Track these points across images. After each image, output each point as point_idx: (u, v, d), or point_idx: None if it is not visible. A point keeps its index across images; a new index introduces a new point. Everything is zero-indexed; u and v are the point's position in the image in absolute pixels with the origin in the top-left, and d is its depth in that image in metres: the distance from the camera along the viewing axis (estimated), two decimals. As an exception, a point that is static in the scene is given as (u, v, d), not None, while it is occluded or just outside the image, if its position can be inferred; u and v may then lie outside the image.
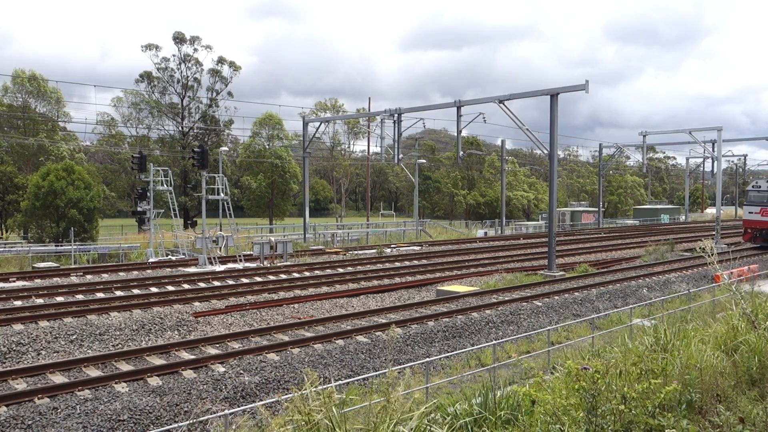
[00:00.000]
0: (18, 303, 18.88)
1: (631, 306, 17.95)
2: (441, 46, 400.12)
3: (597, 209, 66.45)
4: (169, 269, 26.89)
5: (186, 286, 22.39)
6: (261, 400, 11.30)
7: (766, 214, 37.49)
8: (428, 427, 5.64)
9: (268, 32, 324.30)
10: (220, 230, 35.96)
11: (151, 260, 29.37)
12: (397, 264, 29.51)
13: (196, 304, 19.42)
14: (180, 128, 65.41)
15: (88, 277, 24.06)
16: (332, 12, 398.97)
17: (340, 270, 27.29)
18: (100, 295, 20.43)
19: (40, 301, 19.24)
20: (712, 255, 8.84)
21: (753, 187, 39.28)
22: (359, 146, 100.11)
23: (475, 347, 14.26)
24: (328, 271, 26.76)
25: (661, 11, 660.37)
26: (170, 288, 22.01)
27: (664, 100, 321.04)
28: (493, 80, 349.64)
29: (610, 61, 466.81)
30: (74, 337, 15.64)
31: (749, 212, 38.46)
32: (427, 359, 11.41)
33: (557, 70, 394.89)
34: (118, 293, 20.72)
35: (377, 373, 11.70)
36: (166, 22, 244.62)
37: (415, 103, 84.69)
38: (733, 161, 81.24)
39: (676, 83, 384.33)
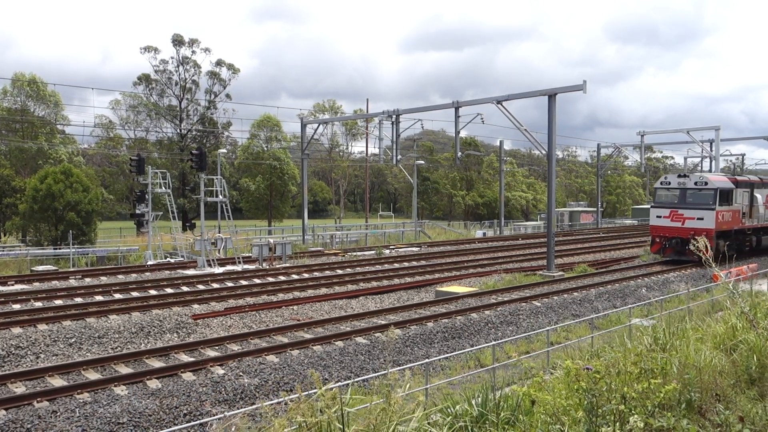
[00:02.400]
0: (17, 306, 18.85)
1: (630, 306, 17.96)
2: (441, 47, 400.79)
3: (595, 209, 66.56)
4: (167, 272, 26.88)
5: (185, 289, 22.38)
6: (260, 402, 11.29)
7: (676, 219, 29.09)
8: (429, 429, 5.63)
9: (270, 35, 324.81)
10: (219, 232, 35.94)
11: (149, 263, 29.33)
12: (396, 265, 29.51)
13: (195, 306, 19.40)
14: (178, 131, 65.31)
15: (87, 280, 24.02)
16: (334, 14, 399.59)
17: (339, 271, 27.28)
18: (98, 297, 20.41)
19: (38, 304, 19.22)
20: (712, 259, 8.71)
21: (662, 183, 30.73)
22: (358, 147, 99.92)
23: (475, 348, 14.26)
24: (327, 273, 26.75)
25: (661, 11, 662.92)
26: (169, 290, 21.98)
27: (664, 99, 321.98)
28: (493, 81, 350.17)
29: (610, 60, 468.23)
30: (73, 340, 15.63)
31: (657, 216, 30.14)
32: (427, 360, 11.42)
33: (557, 70, 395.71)
34: (117, 296, 20.69)
35: (377, 374, 11.69)
36: (168, 25, 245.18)
37: (416, 104, 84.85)
38: (731, 160, 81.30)
39: (675, 82, 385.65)
